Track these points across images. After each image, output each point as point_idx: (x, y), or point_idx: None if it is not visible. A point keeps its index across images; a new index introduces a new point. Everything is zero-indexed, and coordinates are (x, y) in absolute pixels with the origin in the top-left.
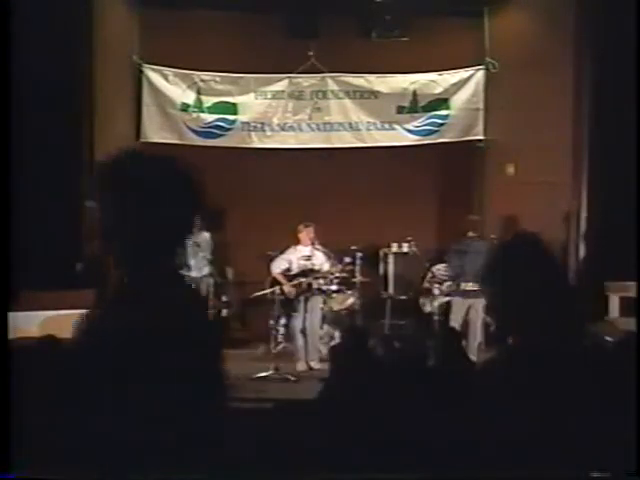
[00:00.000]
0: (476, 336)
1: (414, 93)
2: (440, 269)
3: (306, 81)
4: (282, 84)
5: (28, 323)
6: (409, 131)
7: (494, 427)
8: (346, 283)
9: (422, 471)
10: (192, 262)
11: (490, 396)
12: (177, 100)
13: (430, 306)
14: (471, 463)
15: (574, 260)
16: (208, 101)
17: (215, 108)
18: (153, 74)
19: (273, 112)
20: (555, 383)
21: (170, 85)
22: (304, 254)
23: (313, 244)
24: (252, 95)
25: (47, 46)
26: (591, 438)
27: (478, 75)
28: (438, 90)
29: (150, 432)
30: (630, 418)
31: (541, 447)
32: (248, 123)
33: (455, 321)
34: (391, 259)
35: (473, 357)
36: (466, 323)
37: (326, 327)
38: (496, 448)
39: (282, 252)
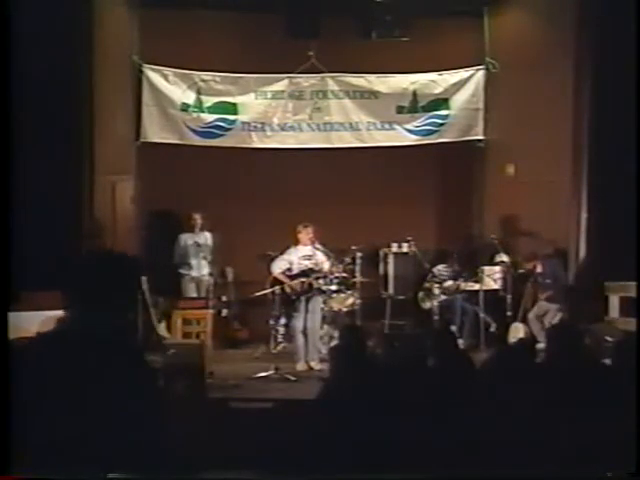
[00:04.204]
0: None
1: (414, 93)
2: (440, 269)
3: (306, 81)
4: (282, 84)
5: (28, 323)
6: (409, 131)
7: (493, 427)
8: (346, 283)
9: (422, 471)
10: (193, 262)
11: (489, 396)
12: (177, 100)
13: (431, 305)
14: (471, 463)
15: (574, 260)
16: (208, 101)
17: (215, 108)
18: (153, 74)
19: (273, 112)
20: (554, 384)
21: (170, 85)
22: (305, 254)
23: (313, 244)
24: (252, 95)
25: (47, 46)
26: (591, 438)
27: (478, 75)
28: (438, 90)
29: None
30: (630, 418)
31: (541, 447)
32: (248, 123)
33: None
34: (391, 259)
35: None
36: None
37: (326, 327)
38: (496, 448)
39: (282, 252)
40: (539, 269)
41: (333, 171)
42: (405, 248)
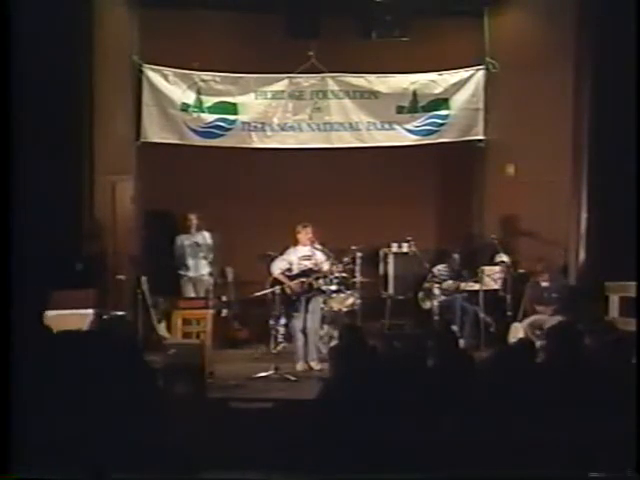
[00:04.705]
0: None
1: (414, 93)
2: (440, 269)
3: (306, 81)
4: (282, 84)
5: None
6: (409, 131)
7: (493, 427)
8: (346, 283)
9: (422, 471)
10: (191, 262)
11: (490, 396)
12: (177, 100)
13: (431, 305)
14: (471, 463)
15: (574, 260)
16: (208, 101)
17: (215, 108)
18: (153, 74)
19: (273, 112)
20: (554, 384)
21: (170, 85)
22: (304, 254)
23: (312, 244)
24: (252, 95)
25: (47, 46)
26: (591, 438)
27: (478, 75)
28: (438, 90)
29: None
30: (630, 418)
31: (541, 447)
32: (248, 123)
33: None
34: (391, 259)
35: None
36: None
37: (326, 327)
38: (496, 448)
39: (282, 253)
40: (545, 284)
41: (333, 171)
42: (405, 248)
